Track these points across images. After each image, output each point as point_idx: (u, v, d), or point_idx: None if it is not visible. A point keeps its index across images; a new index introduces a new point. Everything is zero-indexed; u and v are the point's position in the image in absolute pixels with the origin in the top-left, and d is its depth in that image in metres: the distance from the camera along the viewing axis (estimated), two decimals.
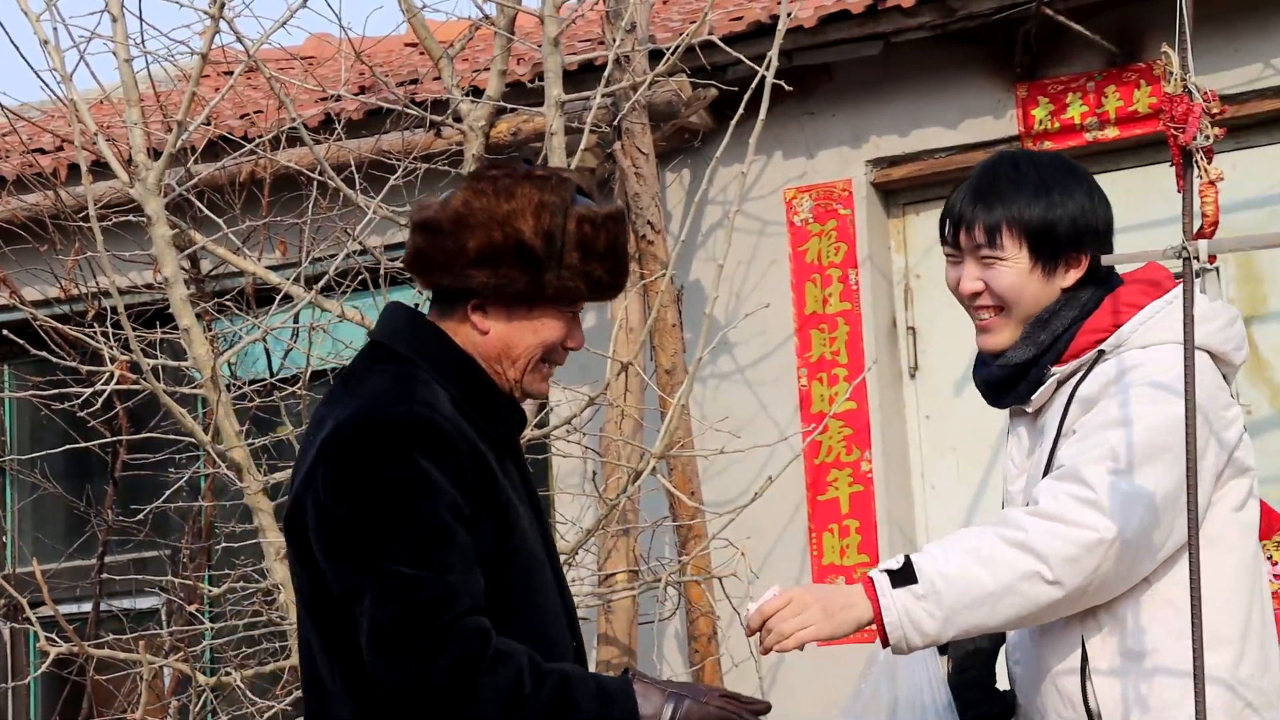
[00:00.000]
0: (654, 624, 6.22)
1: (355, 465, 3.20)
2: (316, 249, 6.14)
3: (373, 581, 3.11)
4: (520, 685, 3.14)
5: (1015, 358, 3.62)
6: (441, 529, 3.16)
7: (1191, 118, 3.32)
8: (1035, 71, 6.16)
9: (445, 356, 3.36)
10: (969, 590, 3.43)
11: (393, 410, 3.22)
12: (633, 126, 6.11)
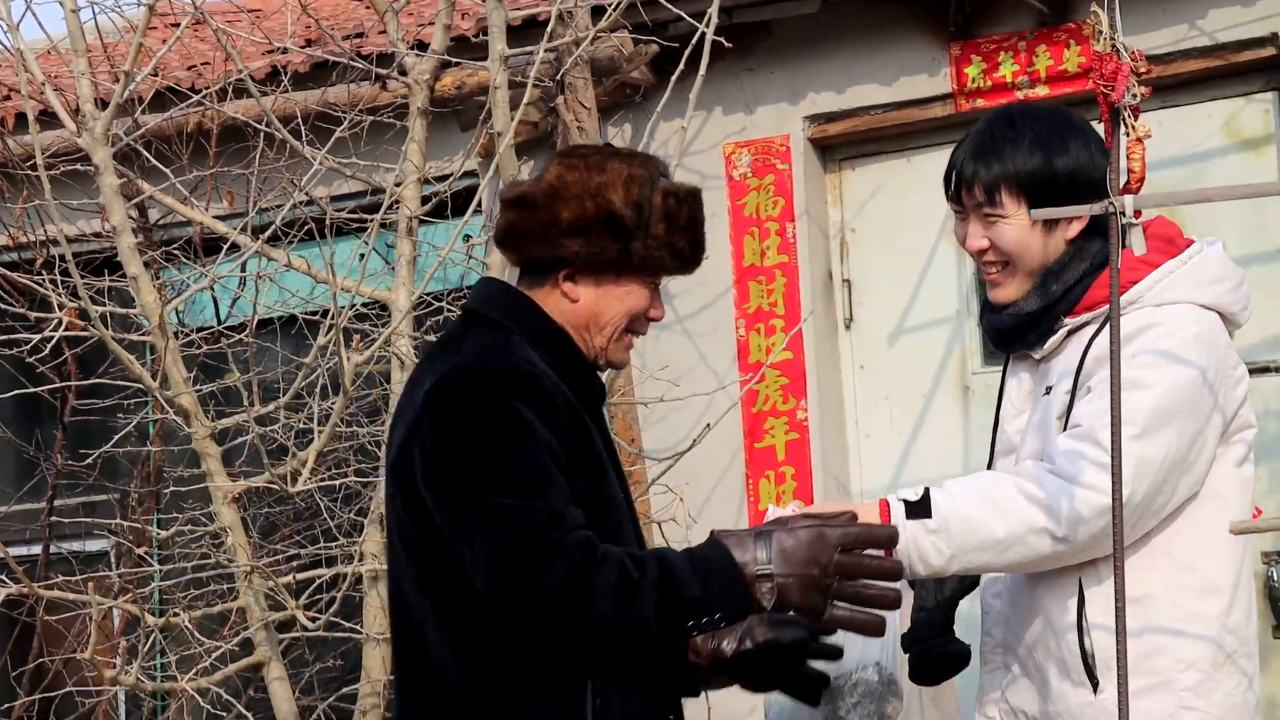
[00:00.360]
0: None
1: (459, 413, 3.31)
2: (263, 199, 6.11)
3: (481, 518, 3.21)
4: (628, 574, 3.21)
5: (1026, 307, 3.69)
6: (542, 467, 3.25)
7: (1119, 77, 3.34)
8: (969, 31, 6.15)
9: (537, 324, 3.48)
10: (978, 534, 3.51)
11: (493, 363, 3.35)
12: (575, 81, 6.09)
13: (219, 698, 5.57)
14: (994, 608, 3.83)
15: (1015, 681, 3.74)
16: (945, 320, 6.29)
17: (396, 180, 5.63)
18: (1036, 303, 3.68)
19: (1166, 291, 3.57)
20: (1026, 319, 3.71)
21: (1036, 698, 3.69)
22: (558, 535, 3.19)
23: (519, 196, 3.53)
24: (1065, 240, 3.67)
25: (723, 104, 6.43)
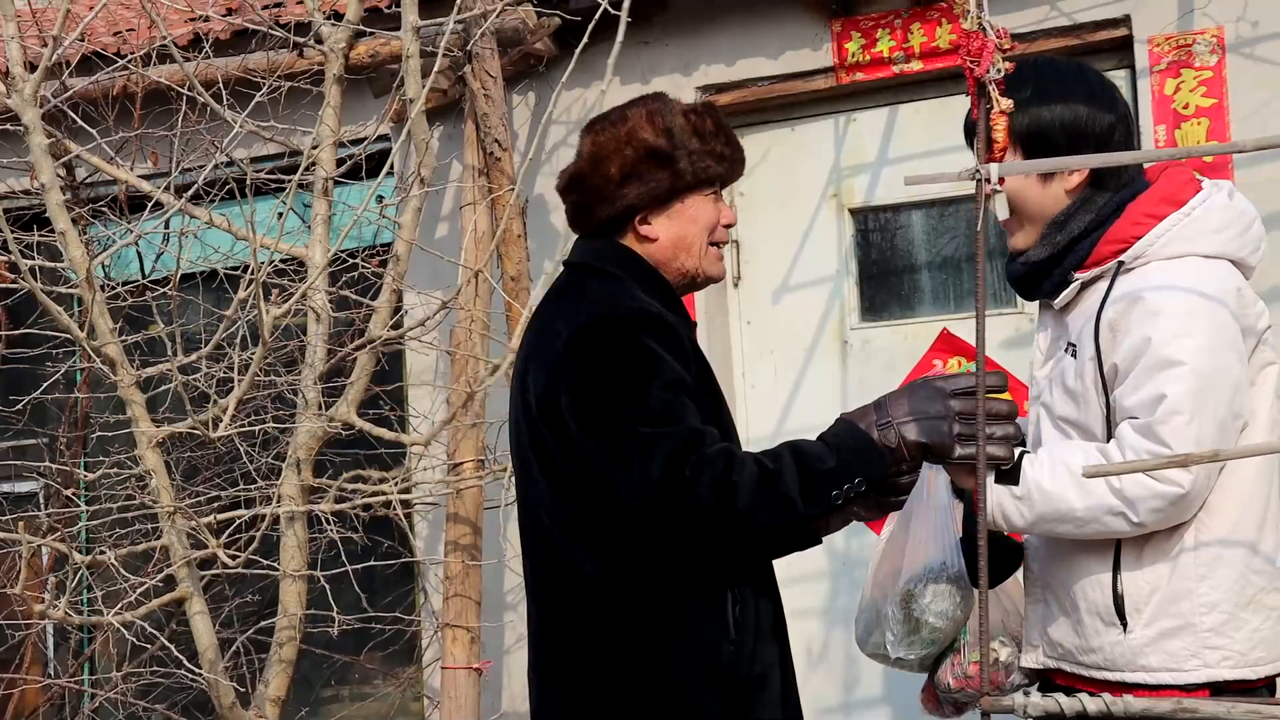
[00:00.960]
0: (500, 508, 6.25)
1: (600, 355, 3.48)
2: (186, 160, 6.11)
3: (633, 445, 3.38)
4: (764, 466, 3.37)
5: (1034, 256, 3.69)
6: (677, 396, 3.43)
7: (985, 53, 3.43)
8: (849, 8, 6.16)
9: (643, 272, 3.66)
10: (1058, 507, 3.54)
11: (623, 308, 3.53)
12: (482, 52, 6.09)
13: (143, 631, 5.59)
14: (1031, 543, 3.88)
15: (1054, 618, 3.77)
16: (826, 279, 6.34)
17: (313, 143, 5.65)
18: (1044, 252, 3.67)
19: (1171, 245, 3.56)
20: (1035, 268, 3.71)
21: (1072, 634, 3.71)
22: (699, 453, 3.34)
23: (569, 179, 3.71)
24: (1065, 191, 3.66)
25: (621, 74, 6.44)
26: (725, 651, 3.50)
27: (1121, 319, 3.51)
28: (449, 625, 5.92)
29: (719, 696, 3.45)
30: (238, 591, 6.25)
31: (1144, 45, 5.81)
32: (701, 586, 3.48)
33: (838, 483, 3.38)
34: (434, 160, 5.80)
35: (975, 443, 3.39)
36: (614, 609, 3.50)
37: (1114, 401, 3.55)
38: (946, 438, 3.42)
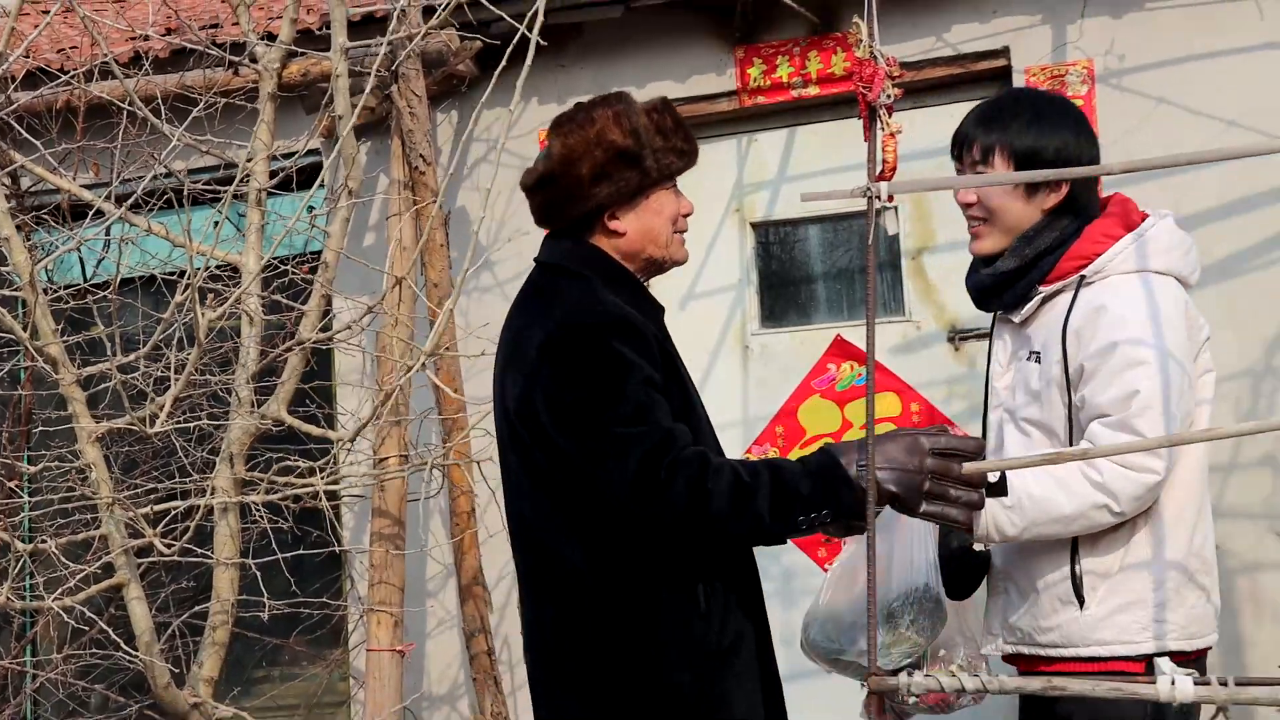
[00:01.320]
0: (421, 501, 6.28)
1: (572, 361, 3.50)
2: (126, 170, 6.08)
3: (608, 446, 3.41)
4: (739, 478, 3.39)
5: (1003, 267, 3.82)
6: (648, 396, 3.46)
7: (876, 79, 3.48)
8: (751, 37, 6.24)
9: (609, 269, 3.68)
10: (1048, 510, 3.63)
11: (591, 314, 3.54)
12: (408, 72, 6.12)
13: (83, 615, 5.55)
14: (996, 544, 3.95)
15: (1014, 606, 3.88)
16: (729, 288, 6.40)
17: (248, 156, 5.64)
18: (1012, 264, 3.80)
19: (1127, 261, 3.70)
20: (1003, 278, 3.83)
21: (1029, 614, 3.82)
22: (673, 455, 3.37)
23: (539, 179, 3.73)
24: (1042, 210, 3.79)
25: (539, 95, 6.50)
26: (696, 626, 3.55)
27: (1087, 326, 3.65)
28: (373, 610, 5.93)
29: (692, 670, 3.51)
30: (173, 578, 6.23)
31: (1021, 75, 5.90)
32: (674, 576, 3.53)
33: (806, 510, 3.40)
34: (361, 174, 5.81)
35: (941, 501, 3.42)
36: (595, 593, 3.56)
37: (1078, 400, 3.68)
38: (915, 493, 3.41)
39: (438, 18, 5.82)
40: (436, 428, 6.24)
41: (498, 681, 6.15)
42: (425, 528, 6.34)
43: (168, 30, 6.60)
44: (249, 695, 6.64)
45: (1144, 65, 5.75)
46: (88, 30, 5.88)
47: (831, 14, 6.09)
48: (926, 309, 6.17)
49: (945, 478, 3.42)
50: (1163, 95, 5.70)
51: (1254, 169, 5.55)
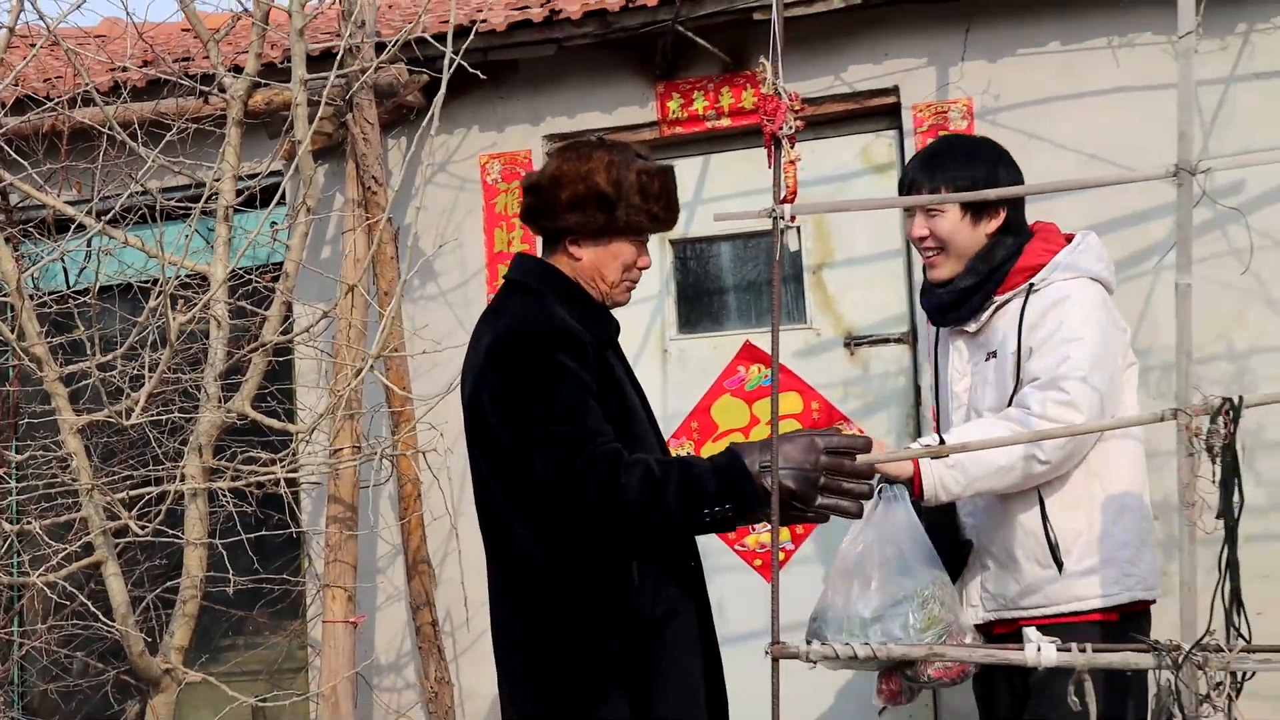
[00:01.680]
0: (371, 487, 6.28)
1: (513, 365, 3.56)
2: (105, 189, 6.06)
3: (539, 440, 3.47)
4: (652, 474, 3.43)
5: (961, 284, 3.96)
6: (579, 400, 3.50)
7: (780, 112, 3.52)
8: (671, 74, 6.26)
9: (563, 286, 3.70)
10: (985, 465, 3.74)
11: (536, 324, 3.60)
12: (361, 102, 6.13)
13: (65, 589, 5.52)
14: (969, 524, 4.06)
15: (991, 574, 3.97)
16: (650, 298, 6.39)
17: (215, 176, 5.61)
18: (970, 280, 3.94)
19: (1067, 270, 3.86)
20: (963, 293, 3.96)
21: (1011, 582, 3.92)
22: (591, 450, 3.41)
23: (532, 184, 3.78)
24: (986, 234, 3.94)
25: (479, 123, 6.50)
26: (630, 599, 3.58)
27: (1040, 319, 3.83)
28: (328, 586, 5.95)
29: (624, 638, 3.54)
30: (147, 556, 6.21)
31: (909, 111, 5.95)
32: (611, 554, 3.56)
33: (711, 504, 3.44)
34: (319, 192, 5.82)
35: (835, 495, 3.47)
36: (544, 569, 3.59)
37: (1024, 376, 3.80)
38: (811, 488, 3.45)
39: (388, 53, 5.88)
40: (386, 421, 6.24)
41: (441, 650, 6.16)
42: (375, 511, 6.34)
43: (144, 62, 6.57)
44: (216, 662, 6.61)
45: (1017, 104, 5.81)
46: (71, 62, 5.86)
47: (741, 54, 6.12)
48: (826, 318, 6.20)
49: (839, 473, 3.46)
50: (1033, 131, 5.77)
51: (1112, 197, 5.62)
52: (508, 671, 3.73)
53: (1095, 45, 5.75)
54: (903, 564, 3.86)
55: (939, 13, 5.88)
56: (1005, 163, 4.01)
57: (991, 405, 3.90)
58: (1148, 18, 5.64)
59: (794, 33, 5.73)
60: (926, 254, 4.02)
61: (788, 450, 3.46)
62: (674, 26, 5.96)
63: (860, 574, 3.86)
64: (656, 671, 3.56)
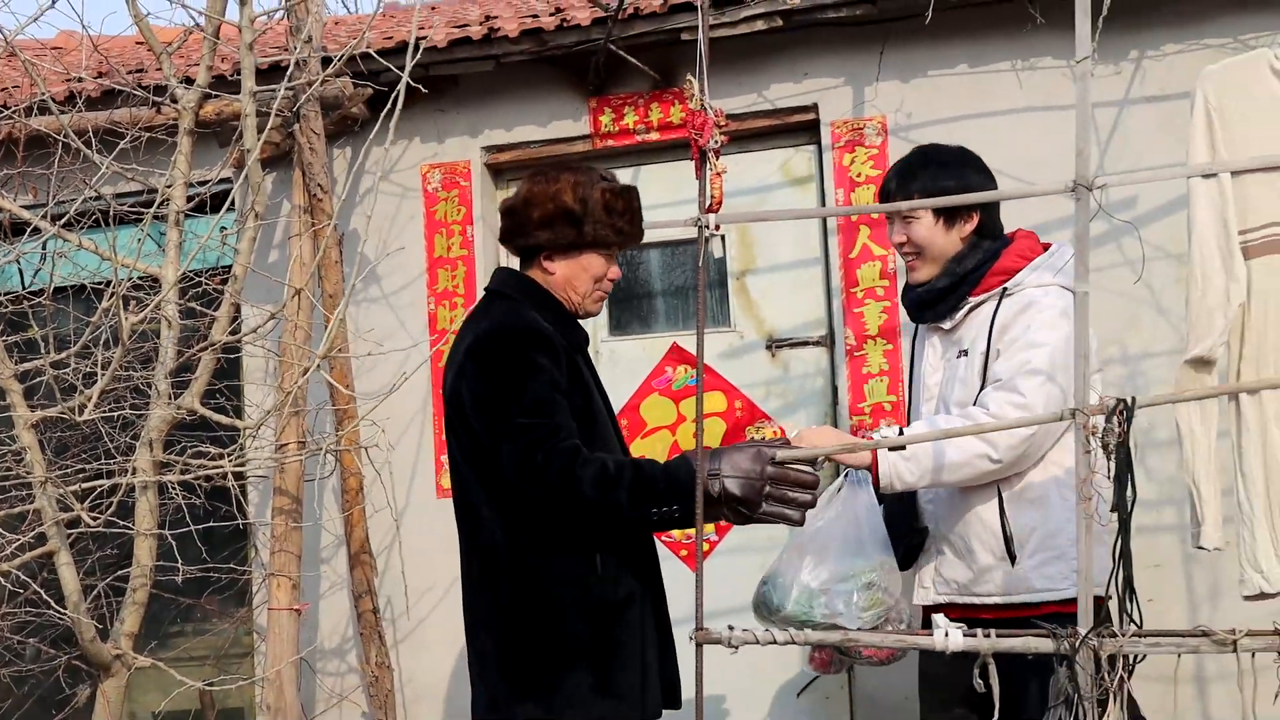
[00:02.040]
0: (315, 481, 6.26)
1: (491, 361, 3.65)
2: (60, 194, 5.97)
3: (509, 431, 3.56)
4: (606, 470, 3.53)
5: (938, 284, 3.97)
6: (548, 396, 3.59)
7: (707, 127, 3.54)
8: (603, 90, 6.27)
9: (538, 295, 3.81)
10: (939, 459, 3.75)
11: (514, 324, 3.69)
12: (308, 113, 6.09)
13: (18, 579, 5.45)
14: (928, 510, 4.07)
15: (947, 560, 3.97)
16: None
17: (167, 183, 5.56)
18: (946, 280, 3.97)
19: (1041, 276, 3.88)
20: (940, 292, 3.98)
21: (965, 569, 3.93)
22: (553, 443, 3.51)
23: (506, 209, 3.90)
24: (961, 238, 3.97)
25: (420, 135, 6.48)
26: (593, 585, 3.65)
27: (1010, 322, 3.84)
28: (274, 575, 5.91)
29: (587, 620, 3.60)
30: (99, 546, 6.15)
31: (827, 127, 5.98)
32: (573, 542, 3.63)
33: (659, 504, 3.54)
34: (267, 199, 5.79)
35: (779, 504, 3.54)
36: (509, 555, 3.66)
37: (990, 376, 3.82)
38: (756, 495, 3.54)
39: (333, 67, 5.89)
40: (330, 418, 6.21)
41: (381, 636, 6.14)
42: (320, 504, 6.32)
43: (99, 74, 6.51)
44: (165, 648, 6.56)
45: (927, 122, 5.86)
46: (28, 72, 5.80)
47: (670, 72, 6.13)
48: (748, 322, 6.22)
49: (783, 483, 3.55)
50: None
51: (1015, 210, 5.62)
52: (479, 651, 3.78)
53: (1000, 68, 5.80)
54: (857, 544, 3.95)
55: (855, 35, 5.92)
56: (976, 169, 4.03)
57: (959, 400, 3.93)
58: (1048, 43, 5.70)
59: (719, 52, 5.81)
60: (906, 258, 4.07)
61: (737, 459, 3.57)
62: (606, 45, 5.97)
63: (815, 547, 3.95)
64: (616, 651, 3.63)
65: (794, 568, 3.94)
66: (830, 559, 3.91)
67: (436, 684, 6.22)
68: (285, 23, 6.32)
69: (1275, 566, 3.35)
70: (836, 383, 5.98)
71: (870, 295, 5.85)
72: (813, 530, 3.95)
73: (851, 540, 3.94)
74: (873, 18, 5.82)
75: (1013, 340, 3.83)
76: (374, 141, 6.15)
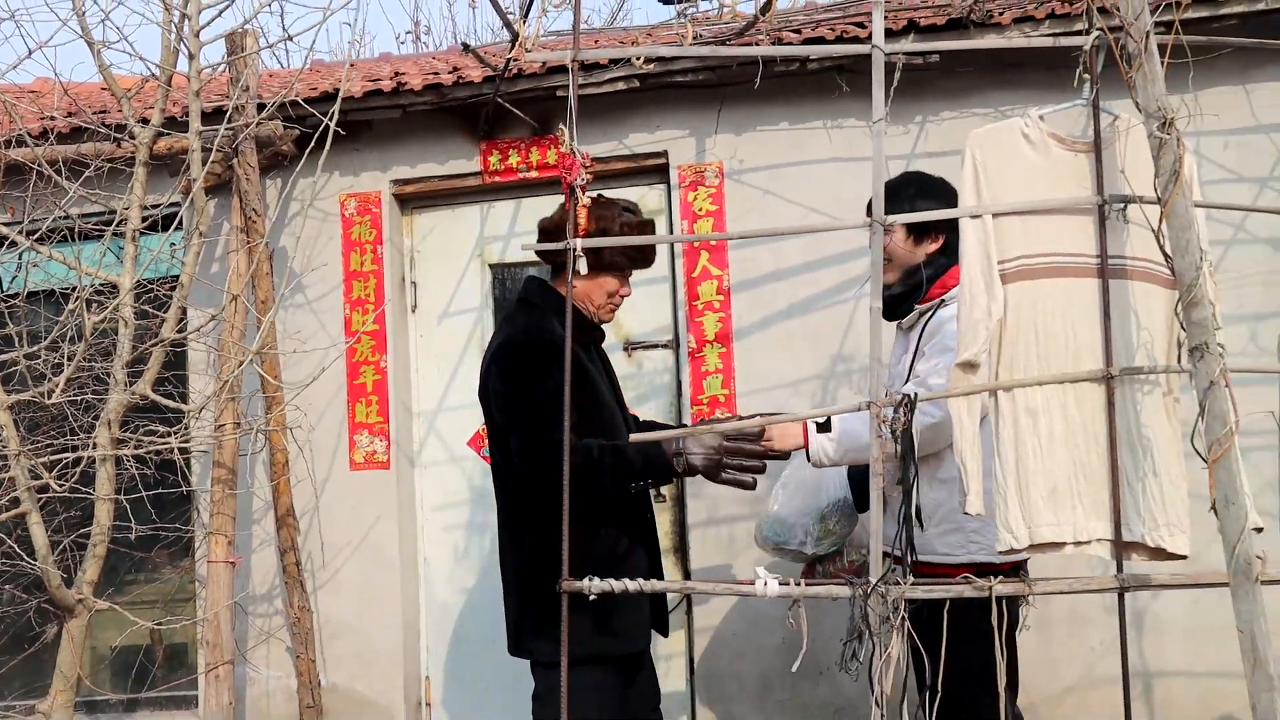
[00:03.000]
0: (248, 456, 6.17)
1: (508, 366, 3.71)
2: (34, 213, 5.84)
3: (517, 425, 3.64)
4: (591, 456, 3.61)
5: (894, 290, 3.96)
6: (550, 398, 3.59)
7: (575, 167, 3.55)
8: (491, 135, 6.24)
9: (556, 303, 3.84)
10: (855, 441, 3.77)
11: (530, 336, 3.73)
12: (245, 149, 6.00)
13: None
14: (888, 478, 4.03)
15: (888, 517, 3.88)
16: (472, 309, 6.39)
17: (125, 205, 5.46)
18: (899, 289, 3.95)
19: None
20: (896, 298, 3.96)
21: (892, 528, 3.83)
22: (550, 436, 3.54)
23: (542, 228, 3.93)
24: (926, 253, 3.95)
25: (339, 169, 6.41)
26: (597, 542, 3.73)
27: (936, 330, 3.86)
28: (212, 534, 5.81)
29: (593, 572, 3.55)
30: (65, 509, 6.02)
31: (675, 170, 5.99)
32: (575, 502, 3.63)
33: (636, 479, 3.66)
34: (209, 220, 5.69)
35: (735, 472, 3.69)
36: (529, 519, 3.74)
37: (912, 373, 3.85)
38: (715, 466, 3.67)
39: (267, 112, 5.83)
40: (261, 403, 6.12)
41: (303, 584, 6.08)
42: (251, 475, 6.22)
43: (69, 113, 6.36)
44: (120, 594, 6.43)
45: (756, 168, 5.91)
46: (8, 111, 5.69)
47: (547, 122, 6.12)
48: (610, 327, 6.19)
49: (737, 455, 3.69)
50: (768, 189, 5.86)
51: (824, 240, 5.75)
52: (509, 599, 3.83)
53: (814, 125, 5.87)
54: (816, 487, 4.08)
55: (698, 96, 5.95)
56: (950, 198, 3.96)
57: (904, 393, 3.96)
58: (851, 107, 5.78)
59: (587, 107, 5.82)
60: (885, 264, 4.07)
61: (701, 439, 3.68)
62: (494, 99, 5.95)
63: (788, 488, 4.10)
64: (612, 598, 3.61)
65: (774, 502, 4.11)
66: (796, 497, 4.06)
67: (348, 624, 6.16)
68: (227, 74, 6.22)
69: (1021, 529, 3.42)
70: (680, 379, 6.00)
71: (709, 307, 5.88)
72: (786, 475, 4.10)
73: (811, 483, 4.07)
74: (712, 82, 5.86)
75: (934, 345, 3.85)
76: (300, 174, 6.11)
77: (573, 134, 3.51)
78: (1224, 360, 3.04)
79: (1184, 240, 3.07)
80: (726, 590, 3.69)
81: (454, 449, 6.31)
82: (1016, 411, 3.46)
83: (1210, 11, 5.35)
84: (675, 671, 5.99)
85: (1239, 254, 5.45)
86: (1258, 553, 2.98)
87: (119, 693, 6.37)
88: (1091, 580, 3.41)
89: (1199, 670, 5.24)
